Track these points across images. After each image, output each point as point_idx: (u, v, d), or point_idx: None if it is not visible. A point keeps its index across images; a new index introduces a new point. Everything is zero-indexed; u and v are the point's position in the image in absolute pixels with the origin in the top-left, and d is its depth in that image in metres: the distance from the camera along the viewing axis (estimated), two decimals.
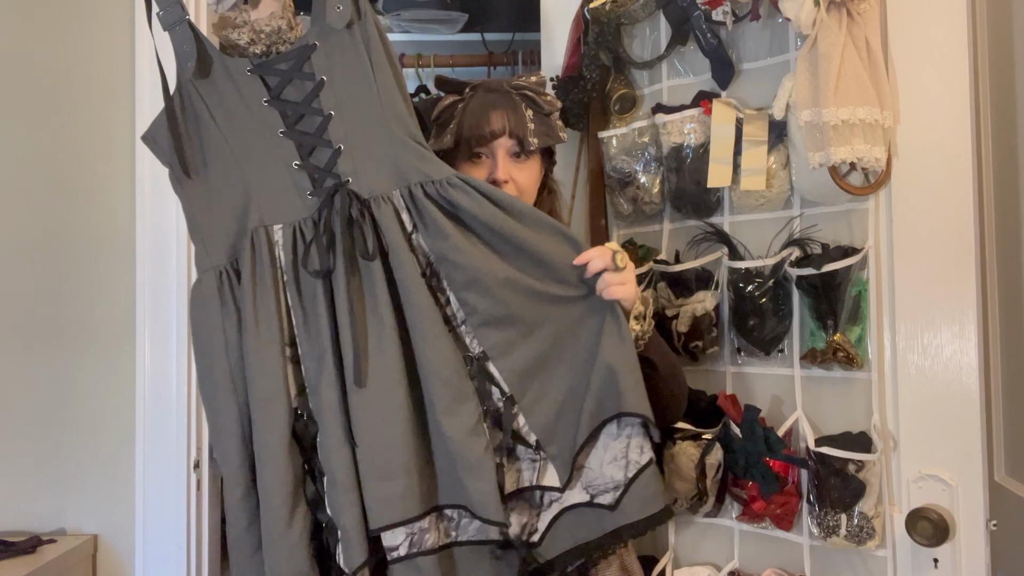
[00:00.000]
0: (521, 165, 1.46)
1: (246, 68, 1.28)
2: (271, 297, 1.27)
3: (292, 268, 1.28)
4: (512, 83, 1.47)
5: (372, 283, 1.25)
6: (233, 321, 1.28)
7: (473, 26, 2.67)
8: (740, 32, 1.56)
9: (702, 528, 1.60)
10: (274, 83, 1.28)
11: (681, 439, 1.55)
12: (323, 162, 1.28)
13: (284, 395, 1.26)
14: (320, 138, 1.28)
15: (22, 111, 1.86)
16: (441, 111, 1.48)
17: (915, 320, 1.37)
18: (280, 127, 1.29)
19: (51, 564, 1.65)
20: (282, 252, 1.29)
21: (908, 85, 1.38)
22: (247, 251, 1.28)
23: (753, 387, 1.54)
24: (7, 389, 1.85)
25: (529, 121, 1.45)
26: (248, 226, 1.29)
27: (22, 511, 1.82)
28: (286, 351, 1.28)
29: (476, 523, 1.28)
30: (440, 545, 1.27)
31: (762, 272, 1.50)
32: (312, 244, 1.26)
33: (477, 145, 1.43)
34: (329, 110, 1.27)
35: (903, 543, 1.37)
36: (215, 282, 1.29)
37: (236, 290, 1.29)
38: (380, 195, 1.27)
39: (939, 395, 1.35)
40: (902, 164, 1.39)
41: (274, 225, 1.29)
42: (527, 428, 1.30)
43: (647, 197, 1.66)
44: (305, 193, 1.29)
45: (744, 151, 1.51)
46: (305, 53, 1.26)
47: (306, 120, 1.28)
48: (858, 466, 1.36)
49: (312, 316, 1.27)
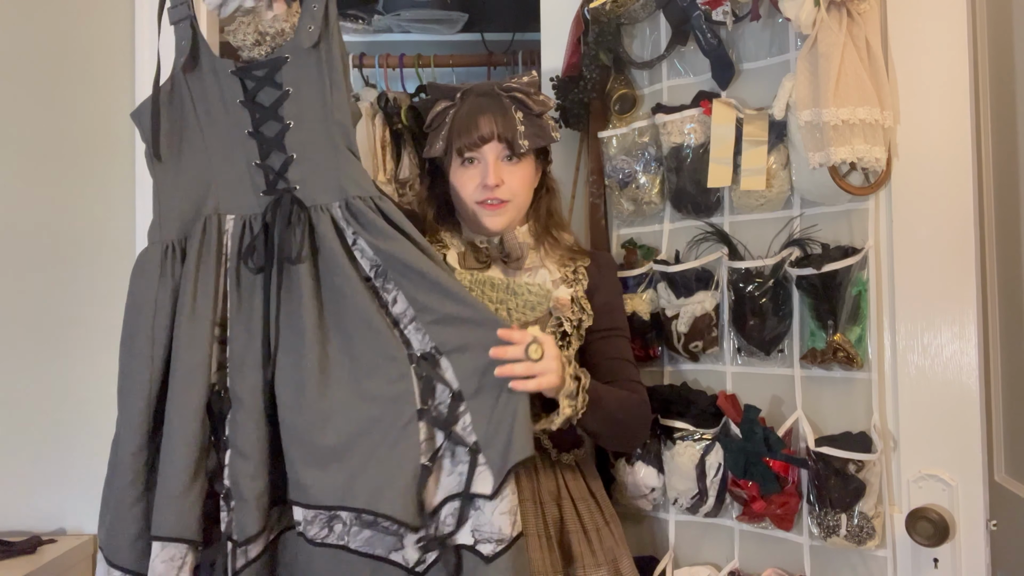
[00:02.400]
0: (513, 167, 1.46)
1: (230, 69, 1.39)
2: (211, 279, 1.37)
3: (236, 257, 1.38)
4: (502, 85, 1.48)
5: (298, 286, 1.34)
6: (168, 291, 1.37)
7: (473, 26, 2.67)
8: (740, 32, 1.56)
9: (702, 528, 1.60)
10: (251, 86, 1.38)
11: (681, 439, 1.55)
12: (277, 166, 1.39)
13: (206, 369, 1.34)
14: (278, 144, 1.39)
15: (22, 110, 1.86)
16: (433, 118, 1.50)
17: (915, 320, 1.37)
18: (248, 127, 1.39)
19: (51, 564, 1.65)
20: (230, 240, 1.39)
21: (908, 85, 1.38)
22: (198, 234, 1.38)
23: (753, 387, 1.54)
24: (7, 389, 1.85)
25: (519, 123, 1.45)
26: (204, 211, 1.40)
27: (22, 511, 1.83)
28: (215, 330, 1.36)
29: (365, 533, 1.29)
30: (324, 542, 1.30)
31: (762, 272, 1.50)
32: (256, 241, 1.37)
33: (467, 151, 1.44)
34: (289, 120, 1.38)
35: (903, 543, 1.37)
36: (160, 254, 1.39)
37: (177, 265, 1.38)
38: (320, 205, 1.37)
39: (939, 395, 1.35)
40: (902, 164, 1.39)
41: (227, 215, 1.40)
42: (470, 428, 1.30)
43: (647, 197, 1.66)
44: (259, 191, 1.40)
45: (744, 151, 1.51)
46: (278, 64, 1.37)
47: (269, 125, 1.39)
48: (858, 466, 1.36)
49: (247, 304, 1.37)
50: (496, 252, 1.49)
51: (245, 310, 1.36)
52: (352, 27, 2.62)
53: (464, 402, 1.30)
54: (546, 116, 1.49)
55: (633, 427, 1.48)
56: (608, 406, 1.40)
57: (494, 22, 2.68)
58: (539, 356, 1.27)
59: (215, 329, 1.36)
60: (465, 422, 1.30)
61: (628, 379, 1.48)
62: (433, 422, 1.30)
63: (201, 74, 1.40)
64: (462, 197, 1.48)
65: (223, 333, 1.37)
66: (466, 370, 1.31)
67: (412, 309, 1.33)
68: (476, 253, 1.49)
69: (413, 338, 1.33)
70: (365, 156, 2.23)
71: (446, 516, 1.29)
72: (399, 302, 1.34)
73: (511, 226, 1.49)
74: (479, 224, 1.48)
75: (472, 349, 1.31)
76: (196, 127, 1.41)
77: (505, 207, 1.46)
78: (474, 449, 1.29)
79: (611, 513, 1.52)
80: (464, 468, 1.29)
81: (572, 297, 1.48)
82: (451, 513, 1.29)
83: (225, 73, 1.38)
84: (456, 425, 1.30)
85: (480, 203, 1.45)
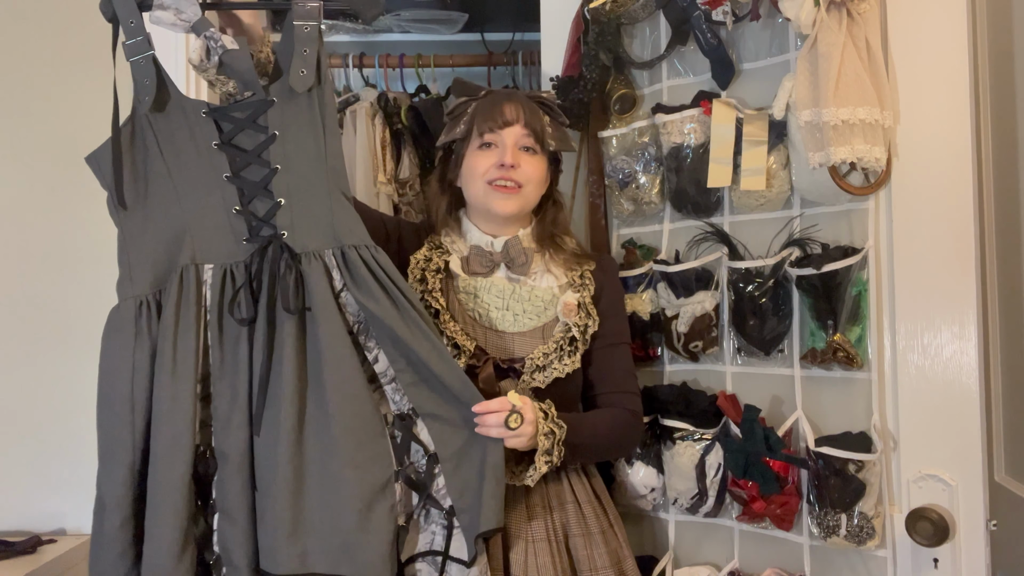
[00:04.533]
0: (530, 157, 1.47)
1: (202, 110, 1.32)
2: (192, 334, 1.30)
3: (217, 309, 1.31)
4: (529, 93, 1.52)
5: (283, 338, 1.29)
6: (145, 350, 1.30)
7: (473, 26, 2.67)
8: (740, 32, 1.56)
9: (702, 528, 1.60)
10: (227, 128, 1.32)
11: (681, 439, 1.55)
12: (262, 212, 1.33)
13: (191, 431, 1.28)
14: (263, 189, 1.33)
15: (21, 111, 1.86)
16: (456, 106, 1.52)
17: (915, 320, 1.37)
18: (226, 171, 1.33)
19: (51, 564, 1.65)
20: (209, 291, 1.32)
21: (908, 85, 1.38)
22: (174, 285, 1.31)
23: (753, 387, 1.54)
24: (7, 390, 1.85)
25: (547, 125, 1.49)
26: (179, 261, 1.32)
27: (22, 511, 1.83)
28: (197, 388, 1.30)
29: None
30: None
31: (762, 272, 1.50)
32: (241, 291, 1.30)
33: (488, 132, 1.45)
34: (276, 164, 1.32)
35: (903, 543, 1.37)
36: (134, 311, 1.31)
37: (154, 322, 1.31)
38: (312, 252, 1.32)
39: (939, 395, 1.35)
40: (902, 164, 1.39)
41: (205, 264, 1.33)
42: (444, 491, 1.30)
43: (647, 197, 1.66)
44: (241, 239, 1.33)
45: (744, 151, 1.51)
46: (263, 107, 1.31)
47: (252, 169, 1.33)
48: (858, 466, 1.36)
49: (231, 358, 1.30)
50: (500, 256, 1.48)
51: (229, 364, 1.30)
52: (352, 27, 2.62)
53: (439, 464, 1.30)
54: (565, 130, 1.54)
55: (619, 446, 1.54)
56: (588, 442, 1.41)
57: (494, 22, 2.68)
58: (518, 425, 1.30)
59: (197, 386, 1.30)
60: (439, 484, 1.30)
61: (625, 391, 1.49)
62: (408, 482, 1.30)
63: (167, 114, 1.31)
64: (474, 178, 1.47)
65: (204, 389, 1.31)
66: (441, 434, 1.30)
67: (392, 369, 1.31)
68: (480, 257, 1.48)
69: (390, 398, 1.32)
70: (365, 156, 2.23)
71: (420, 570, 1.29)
72: (380, 361, 1.32)
73: (517, 217, 1.49)
74: (488, 209, 1.47)
75: (448, 416, 1.31)
76: (164, 171, 1.33)
77: (517, 192, 1.45)
78: (450, 512, 1.29)
79: (615, 515, 1.52)
80: (439, 529, 1.30)
81: (579, 303, 1.48)
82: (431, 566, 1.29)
83: (196, 114, 1.31)
84: (431, 486, 1.30)
85: (492, 183, 1.45)
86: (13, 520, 1.82)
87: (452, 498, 1.29)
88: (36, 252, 1.86)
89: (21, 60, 1.87)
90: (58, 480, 1.83)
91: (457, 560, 1.28)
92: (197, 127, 1.32)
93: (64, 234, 1.86)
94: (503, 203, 1.45)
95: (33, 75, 1.87)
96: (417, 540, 1.30)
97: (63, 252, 1.86)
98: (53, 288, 1.85)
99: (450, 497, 1.29)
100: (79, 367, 1.82)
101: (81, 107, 1.85)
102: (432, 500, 1.30)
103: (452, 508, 1.29)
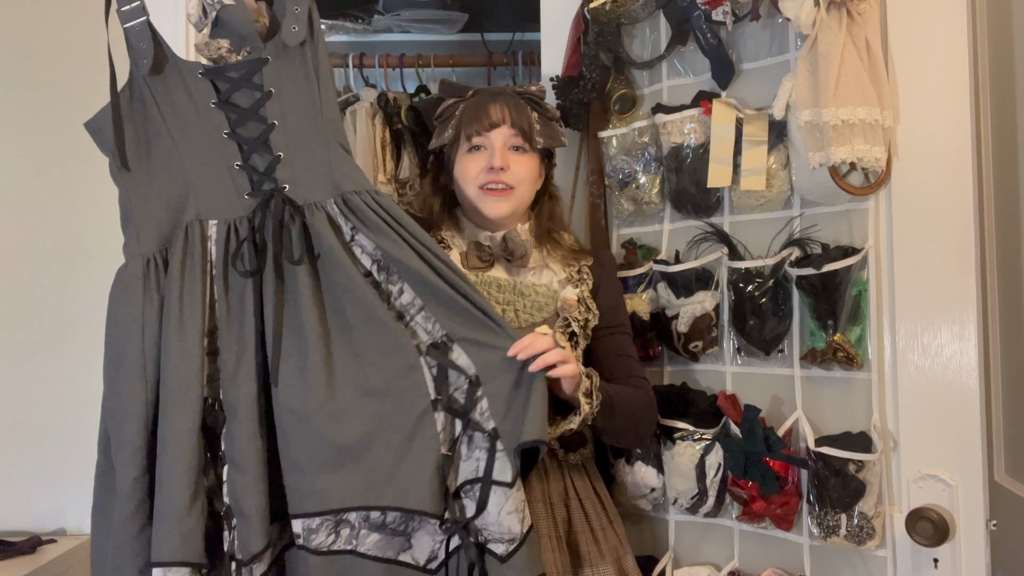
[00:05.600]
0: (520, 157, 1.46)
1: (198, 71, 1.34)
2: (198, 288, 1.31)
3: (222, 263, 1.33)
4: (516, 89, 1.50)
5: (296, 288, 1.30)
6: (154, 307, 1.31)
7: (473, 26, 2.67)
8: (740, 32, 1.56)
9: (702, 528, 1.60)
10: (224, 88, 1.34)
11: (681, 439, 1.55)
12: (262, 167, 1.34)
13: (199, 383, 1.29)
14: (262, 144, 1.34)
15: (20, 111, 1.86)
16: (444, 108, 1.51)
17: (915, 320, 1.37)
18: (225, 129, 1.35)
19: (51, 564, 1.65)
20: (214, 247, 1.34)
21: (908, 85, 1.38)
22: (179, 242, 1.32)
23: (753, 387, 1.54)
24: (7, 389, 1.85)
25: (535, 121, 1.47)
26: (184, 219, 1.34)
27: (22, 511, 1.83)
28: (204, 341, 1.31)
29: (374, 536, 1.27)
30: (330, 549, 1.27)
31: (762, 272, 1.50)
32: (244, 244, 1.32)
33: (476, 135, 1.45)
34: (273, 120, 1.34)
35: (903, 543, 1.37)
36: (141, 268, 1.32)
37: (161, 278, 1.32)
38: (314, 203, 1.33)
39: (939, 395, 1.35)
40: (902, 164, 1.39)
41: (209, 220, 1.35)
42: (488, 414, 1.29)
43: (647, 197, 1.66)
44: (243, 193, 1.35)
45: (744, 151, 1.51)
46: (257, 66, 1.33)
47: (250, 125, 1.34)
48: (858, 466, 1.36)
49: (237, 312, 1.31)
50: (499, 251, 1.48)
51: (235, 318, 1.31)
52: (352, 27, 2.62)
53: (481, 387, 1.29)
54: (555, 124, 1.52)
55: (642, 423, 1.49)
56: (619, 404, 1.40)
57: (494, 22, 2.68)
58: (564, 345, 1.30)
59: (204, 340, 1.31)
60: (483, 407, 1.29)
61: (633, 375, 1.49)
62: (449, 410, 1.30)
63: (164, 77, 1.34)
64: (466, 182, 1.47)
65: (212, 344, 1.32)
66: (480, 355, 1.30)
67: (420, 299, 1.32)
68: (479, 252, 1.48)
69: (422, 328, 1.32)
70: (365, 156, 2.23)
71: (466, 501, 1.29)
72: (405, 292, 1.32)
73: (512, 216, 1.49)
74: (480, 212, 1.48)
75: (484, 340, 1.30)
76: (165, 132, 1.35)
77: (509, 194, 1.45)
78: (493, 435, 1.28)
79: (614, 512, 1.52)
80: (482, 455, 1.29)
81: (579, 297, 1.48)
82: (471, 498, 1.28)
83: (193, 75, 1.33)
84: (474, 411, 1.29)
85: (483, 187, 1.45)
86: (13, 520, 1.82)
87: (496, 420, 1.28)
88: (36, 252, 1.86)
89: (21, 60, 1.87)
90: (58, 480, 1.83)
91: (500, 483, 1.27)
92: (195, 87, 1.34)
93: (65, 234, 1.86)
94: (496, 206, 1.46)
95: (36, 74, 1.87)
96: (460, 469, 1.30)
97: (63, 252, 1.86)
98: (53, 288, 1.85)
99: (493, 419, 1.28)
100: (79, 367, 1.83)
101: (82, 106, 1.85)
102: (475, 424, 1.29)
103: (495, 431, 1.28)
